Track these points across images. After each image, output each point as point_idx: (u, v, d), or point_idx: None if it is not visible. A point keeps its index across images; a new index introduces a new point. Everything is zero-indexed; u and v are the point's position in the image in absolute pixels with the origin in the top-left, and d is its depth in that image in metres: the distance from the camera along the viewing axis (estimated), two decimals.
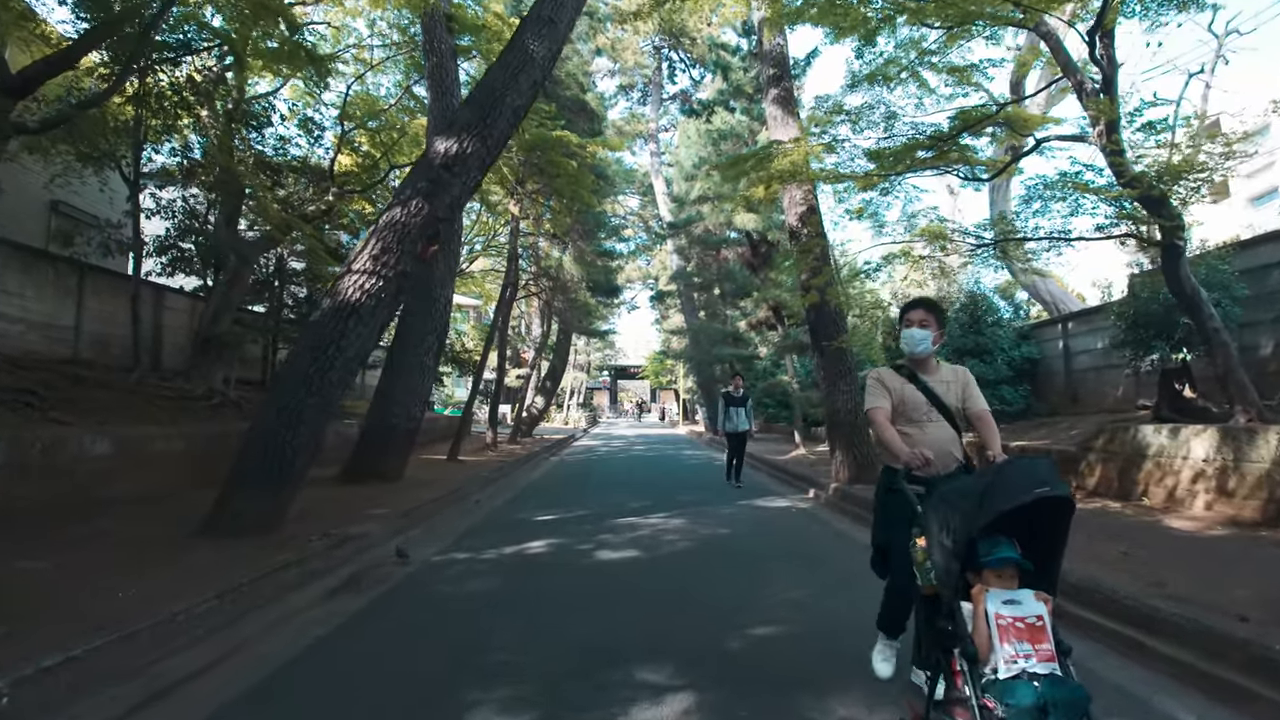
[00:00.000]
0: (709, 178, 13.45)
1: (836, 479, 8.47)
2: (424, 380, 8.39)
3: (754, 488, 9.31)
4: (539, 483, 9.85)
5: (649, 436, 24.95)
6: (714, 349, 18.22)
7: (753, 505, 7.65)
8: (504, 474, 10.40)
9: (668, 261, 24.71)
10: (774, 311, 13.35)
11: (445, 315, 8.60)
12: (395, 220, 5.47)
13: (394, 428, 8.26)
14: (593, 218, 12.82)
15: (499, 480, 9.80)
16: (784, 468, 10.69)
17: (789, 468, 10.67)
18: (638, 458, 14.65)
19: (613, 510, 7.10)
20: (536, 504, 7.71)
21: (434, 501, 7.16)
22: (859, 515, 6.94)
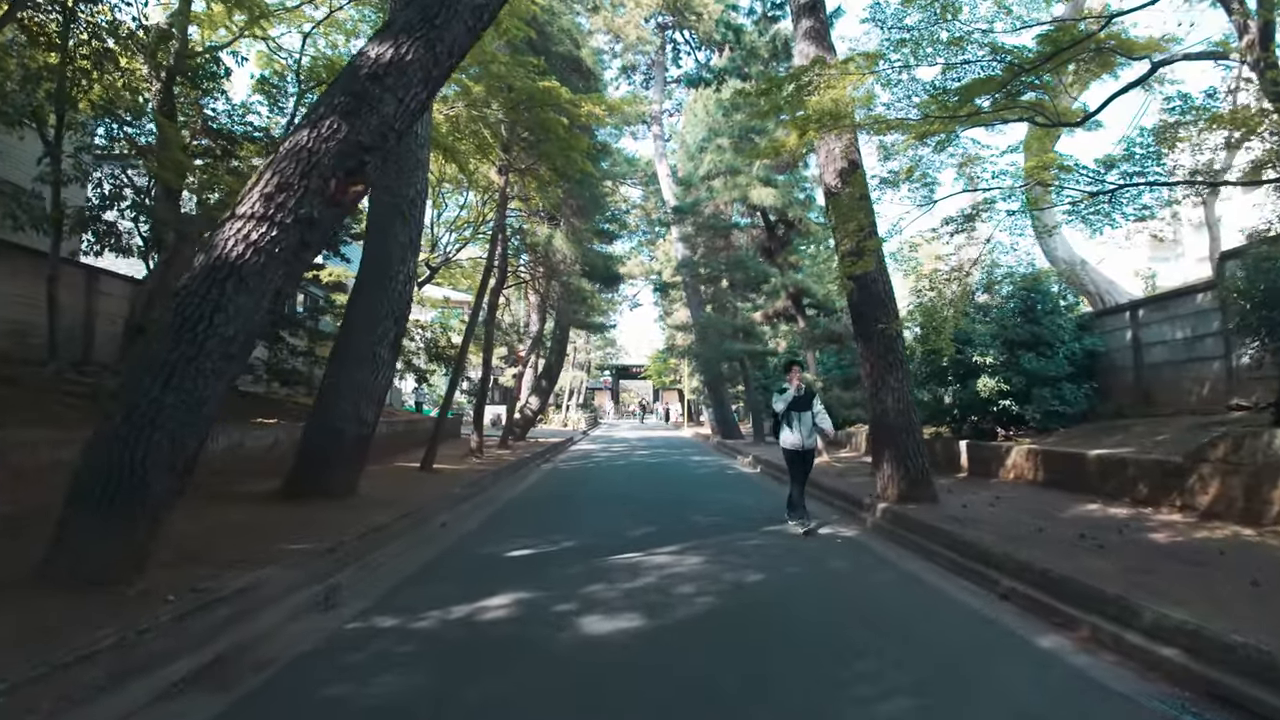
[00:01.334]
0: (720, 151, 11.93)
1: (884, 496, 6.90)
2: (377, 375, 6.83)
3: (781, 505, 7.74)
4: (524, 499, 8.28)
5: (652, 440, 23.38)
6: (723, 345, 16.64)
7: (784, 533, 6.09)
8: (483, 487, 8.84)
9: (672, 252, 23.14)
10: (793, 301, 11.78)
11: (405, 296, 7.04)
12: (300, 147, 3.91)
13: (340, 433, 6.71)
14: (588, 193, 11.29)
15: (476, 496, 8.24)
16: (813, 480, 9.10)
17: (819, 479, 9.08)
18: (640, 465, 13.07)
19: (608, 540, 5.53)
20: (514, 529, 6.15)
21: (381, 529, 5.60)
22: (925, 548, 5.38)
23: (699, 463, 13.57)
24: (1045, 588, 4.06)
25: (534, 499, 8.21)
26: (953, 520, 5.93)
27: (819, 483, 8.89)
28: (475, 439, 12.54)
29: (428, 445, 9.99)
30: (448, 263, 16.35)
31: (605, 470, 12.15)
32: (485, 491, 8.66)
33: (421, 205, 7.32)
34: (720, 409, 20.16)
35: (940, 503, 6.97)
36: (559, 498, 8.28)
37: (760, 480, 10.53)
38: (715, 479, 10.65)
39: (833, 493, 8.06)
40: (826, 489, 8.29)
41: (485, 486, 8.96)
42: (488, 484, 9.14)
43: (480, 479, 9.28)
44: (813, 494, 8.47)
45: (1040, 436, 9.98)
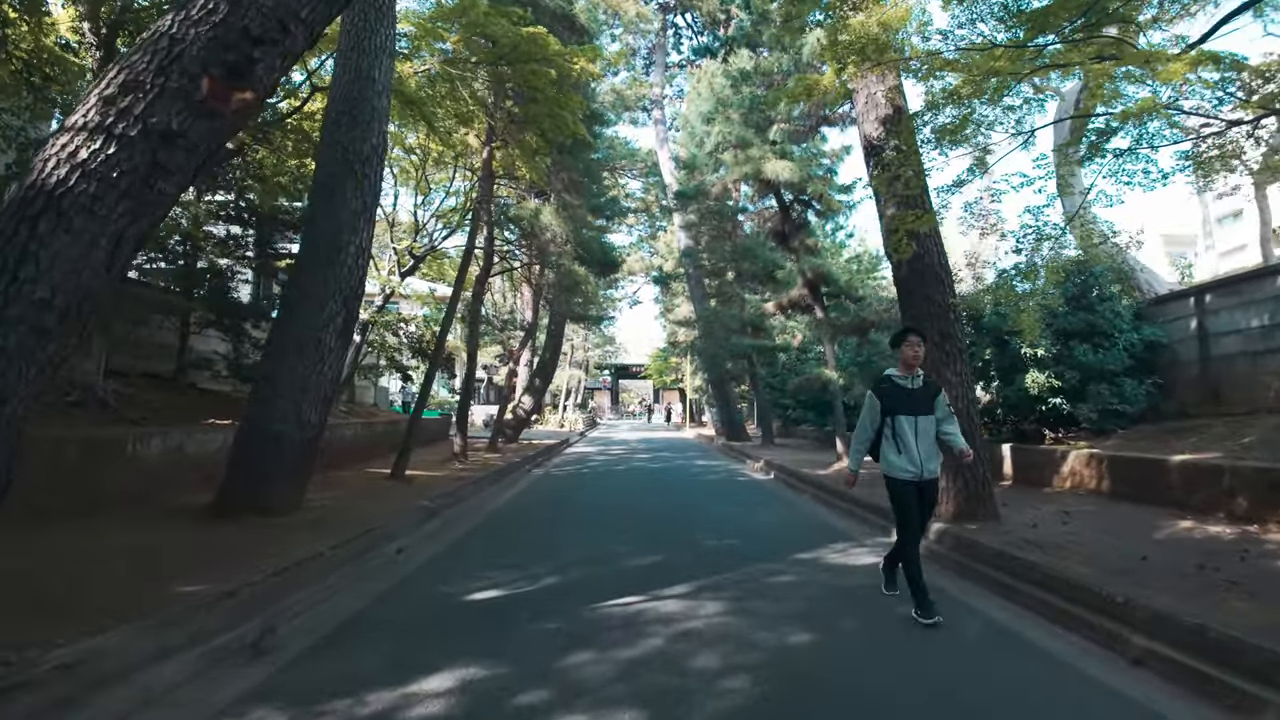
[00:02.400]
0: (729, 123, 10.76)
1: (937, 514, 5.72)
2: (322, 367, 5.67)
3: (807, 523, 6.59)
4: (504, 514, 7.11)
5: (653, 442, 22.21)
6: (729, 340, 15.46)
7: (822, 563, 4.93)
8: (460, 499, 7.68)
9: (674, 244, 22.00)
10: (810, 288, 10.61)
11: (358, 273, 5.87)
12: (160, 34, 2.74)
13: (277, 438, 5.56)
14: (581, 164, 10.11)
15: (449, 509, 7.07)
16: (839, 491, 7.93)
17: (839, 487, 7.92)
18: (640, 471, 11.90)
19: (599, 575, 4.38)
20: (486, 556, 4.98)
21: (313, 560, 4.43)
22: (1002, 584, 4.25)
23: (704, 468, 12.40)
24: (1202, 651, 2.92)
25: (516, 514, 7.04)
26: (1028, 545, 4.80)
27: (842, 491, 7.72)
28: (458, 442, 11.38)
29: (399, 451, 8.83)
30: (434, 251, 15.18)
31: (602, 477, 10.98)
32: (461, 504, 7.49)
33: (379, 164, 6.15)
34: (726, 409, 19.00)
35: (1002, 520, 5.83)
36: (546, 512, 7.11)
37: (775, 489, 9.36)
38: (725, 487, 9.48)
39: (868, 507, 6.89)
40: (859, 502, 7.12)
41: (463, 497, 7.79)
42: (466, 494, 7.97)
43: (458, 488, 8.12)
44: (842, 507, 7.31)
45: (1096, 439, 8.83)
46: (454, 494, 7.77)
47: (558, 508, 7.30)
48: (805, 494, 8.58)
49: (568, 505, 7.59)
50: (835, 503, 7.66)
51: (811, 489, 8.67)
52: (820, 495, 8.26)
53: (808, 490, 8.68)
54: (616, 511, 7.13)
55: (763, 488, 9.46)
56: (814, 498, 8.33)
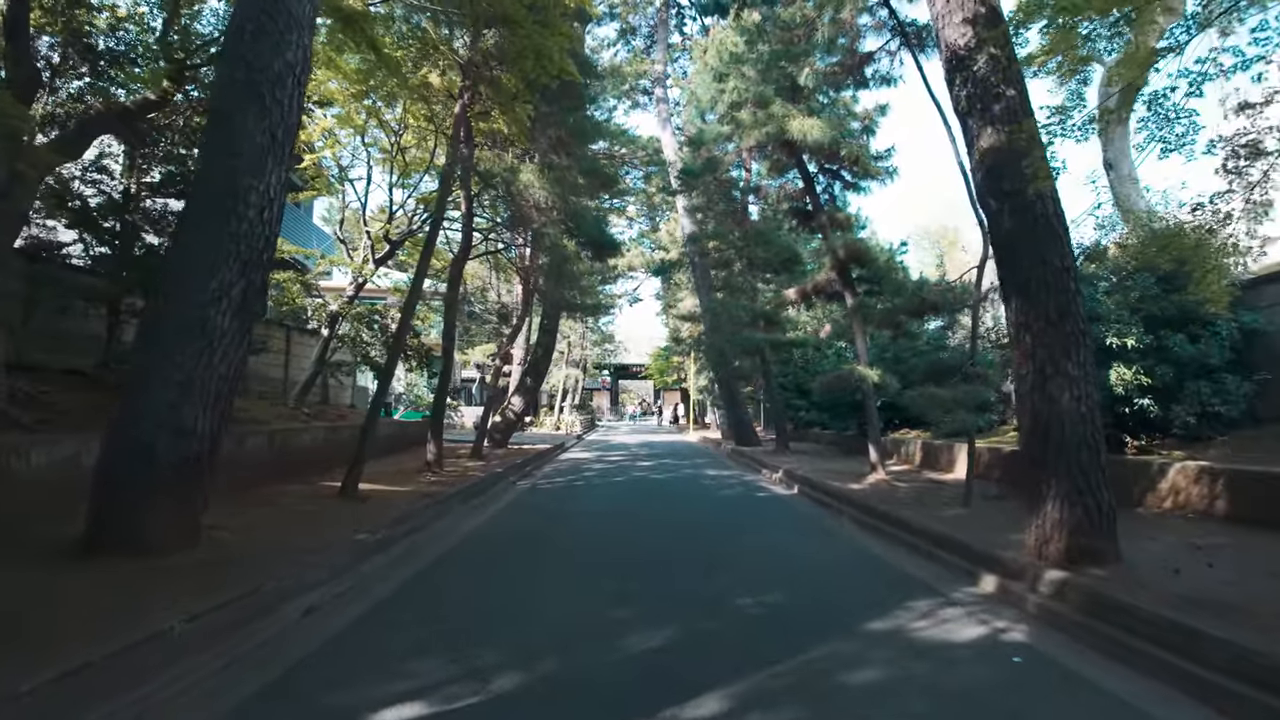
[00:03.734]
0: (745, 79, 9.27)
1: (1044, 554, 4.25)
2: (211, 357, 4.18)
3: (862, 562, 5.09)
4: (466, 549, 5.59)
5: (655, 446, 20.69)
6: (739, 334, 13.95)
7: (909, 638, 3.43)
8: (418, 525, 6.18)
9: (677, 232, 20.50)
10: (839, 271, 9.11)
11: (265, 231, 4.39)
12: None
13: (149, 451, 4.09)
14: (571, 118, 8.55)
15: (398, 543, 5.57)
16: (885, 514, 6.42)
17: (889, 510, 6.42)
18: (641, 483, 10.40)
19: (584, 672, 2.89)
20: (417, 633, 3.48)
21: (154, 640, 2.96)
22: (1190, 676, 2.77)
23: (716, 479, 10.89)
24: None
25: (483, 550, 5.52)
26: (1191, 606, 3.39)
27: (896, 517, 6.22)
28: (432, 448, 9.87)
29: (353, 459, 7.32)
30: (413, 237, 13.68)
31: (597, 491, 9.47)
32: (417, 533, 5.99)
33: (296, 89, 4.65)
34: (734, 410, 17.51)
35: (1124, 562, 4.35)
36: (521, 548, 5.58)
37: (804, 508, 7.86)
38: (743, 507, 7.99)
39: (936, 539, 5.39)
40: (921, 531, 5.61)
41: (421, 523, 6.29)
42: (427, 518, 6.47)
43: (420, 509, 6.63)
44: (894, 535, 5.80)
45: (1190, 447, 7.36)
46: (412, 517, 6.27)
47: (537, 542, 5.79)
48: (843, 516, 7.08)
49: (551, 535, 6.08)
50: (885, 529, 6.15)
51: (850, 509, 7.16)
52: (862, 518, 6.76)
53: (845, 511, 7.18)
54: (612, 545, 5.63)
55: (789, 506, 7.96)
56: (855, 521, 6.83)
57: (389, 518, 6.01)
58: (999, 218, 4.07)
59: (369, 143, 12.86)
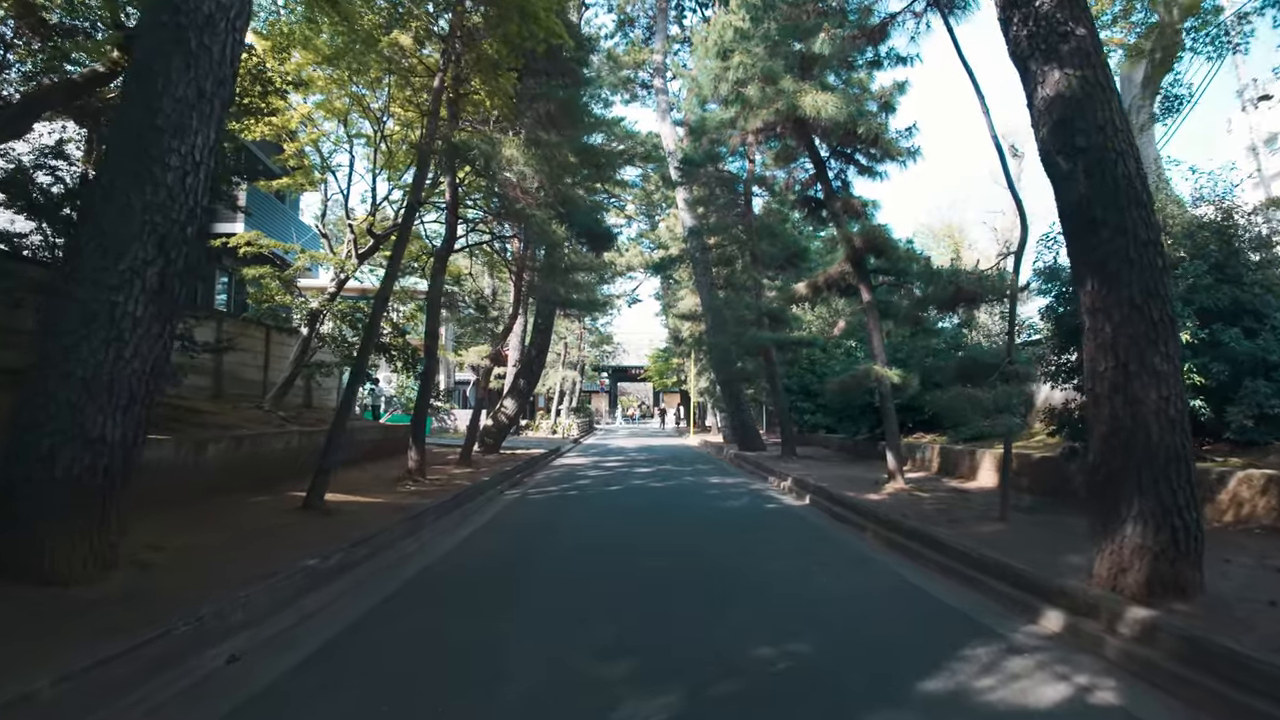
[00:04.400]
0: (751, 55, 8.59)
1: (1119, 583, 3.58)
2: (123, 349, 3.49)
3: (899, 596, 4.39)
4: (436, 577, 4.87)
5: (655, 451, 19.98)
6: (744, 333, 13.27)
7: (969, 693, 2.75)
8: (383, 544, 5.48)
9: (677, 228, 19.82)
10: (854, 263, 8.43)
11: (188, 201, 3.71)
12: None
13: (49, 461, 3.41)
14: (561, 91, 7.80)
15: (360, 565, 4.88)
16: (917, 530, 5.72)
17: (915, 527, 5.72)
18: (640, 492, 9.70)
19: None
20: (352, 696, 2.77)
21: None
22: None
23: (720, 488, 10.20)
24: None
25: (449, 580, 4.79)
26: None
27: (929, 535, 5.53)
28: (413, 455, 9.16)
29: (318, 468, 6.63)
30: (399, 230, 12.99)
31: (591, 503, 8.77)
32: (380, 555, 5.28)
33: (231, 34, 3.96)
34: (738, 413, 16.81)
35: (1208, 593, 3.68)
36: (498, 575, 4.87)
37: (822, 524, 7.16)
38: (753, 521, 7.29)
39: (980, 563, 4.69)
40: (961, 553, 4.91)
41: (388, 541, 5.59)
42: (396, 536, 5.76)
43: (390, 526, 5.93)
44: (928, 558, 5.11)
45: (1247, 453, 6.68)
46: (379, 536, 5.56)
47: (517, 568, 5.07)
48: (866, 532, 6.38)
49: (534, 560, 5.37)
50: (917, 550, 5.45)
51: (873, 524, 6.46)
52: (888, 536, 6.05)
53: (868, 527, 6.47)
54: (604, 572, 4.92)
55: (803, 521, 7.25)
56: (879, 539, 6.13)
57: (351, 537, 5.31)
58: (1070, 181, 3.38)
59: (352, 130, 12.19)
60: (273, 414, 11.42)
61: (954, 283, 5.58)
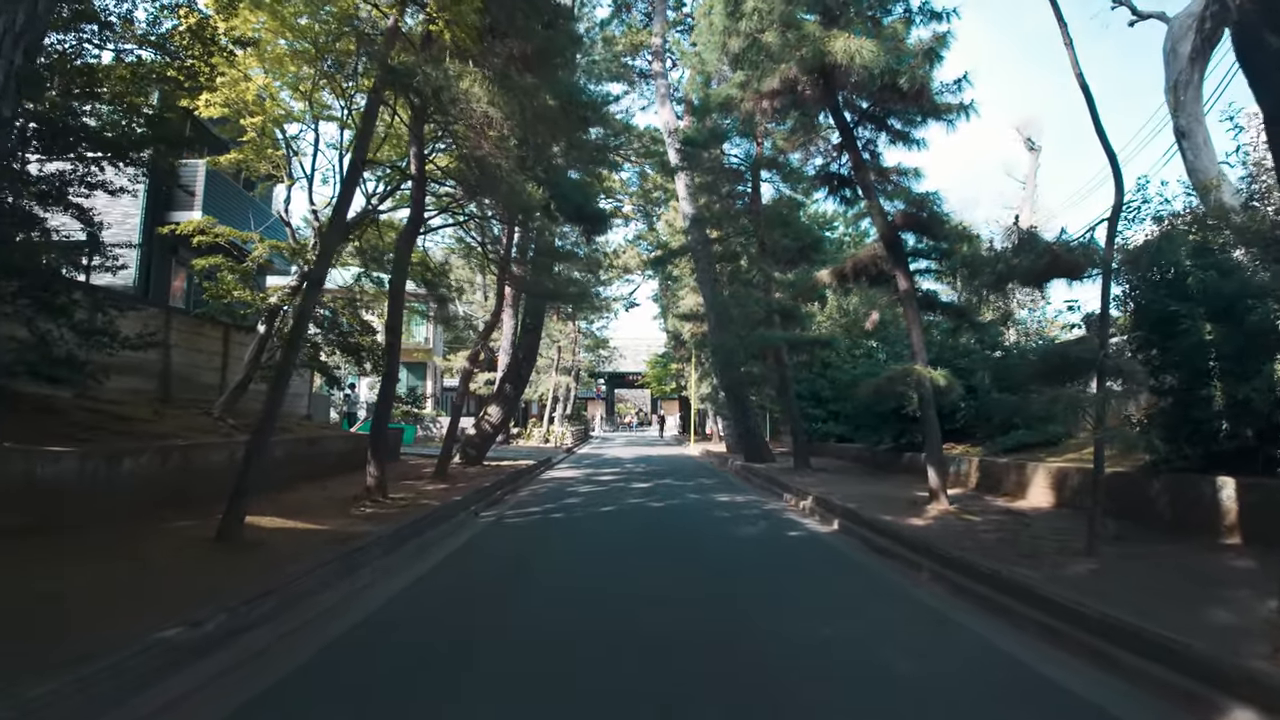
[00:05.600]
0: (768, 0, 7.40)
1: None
2: None
3: (991, 675, 3.12)
4: (329, 666, 3.50)
5: (653, 461, 18.71)
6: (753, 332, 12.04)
7: None
8: (293, 597, 4.20)
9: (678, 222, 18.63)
10: (889, 244, 7.20)
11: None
12: None
13: None
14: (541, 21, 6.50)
15: (235, 642, 3.60)
16: (984, 571, 4.44)
17: (997, 568, 4.45)
18: (637, 515, 8.42)
19: None
20: None
21: None
22: None
23: (730, 508, 8.93)
24: None
25: (372, 655, 3.48)
26: None
27: (1010, 580, 4.27)
28: (372, 471, 7.89)
29: (233, 491, 5.35)
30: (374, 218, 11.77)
31: (578, 529, 7.50)
32: (294, 608, 4.00)
33: None
34: (744, 421, 15.55)
35: None
36: (440, 646, 3.57)
37: (862, 560, 5.88)
38: (778, 555, 6.02)
39: (1100, 627, 3.43)
40: (1062, 607, 3.64)
41: (307, 590, 4.30)
42: (319, 583, 4.47)
43: (321, 564, 4.66)
44: (1031, 619, 3.85)
45: None
46: (297, 581, 4.29)
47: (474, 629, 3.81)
48: (922, 573, 5.11)
49: (498, 614, 4.08)
50: (996, 599, 4.19)
51: (928, 561, 5.19)
52: (953, 578, 4.79)
53: (923, 565, 5.20)
54: (589, 638, 3.65)
55: (840, 556, 5.97)
56: (940, 581, 4.87)
57: (259, 584, 4.05)
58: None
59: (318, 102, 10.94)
60: (222, 422, 10.16)
61: (1050, 250, 4.39)
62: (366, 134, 5.51)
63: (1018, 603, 4.02)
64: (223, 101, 10.39)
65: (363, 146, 5.56)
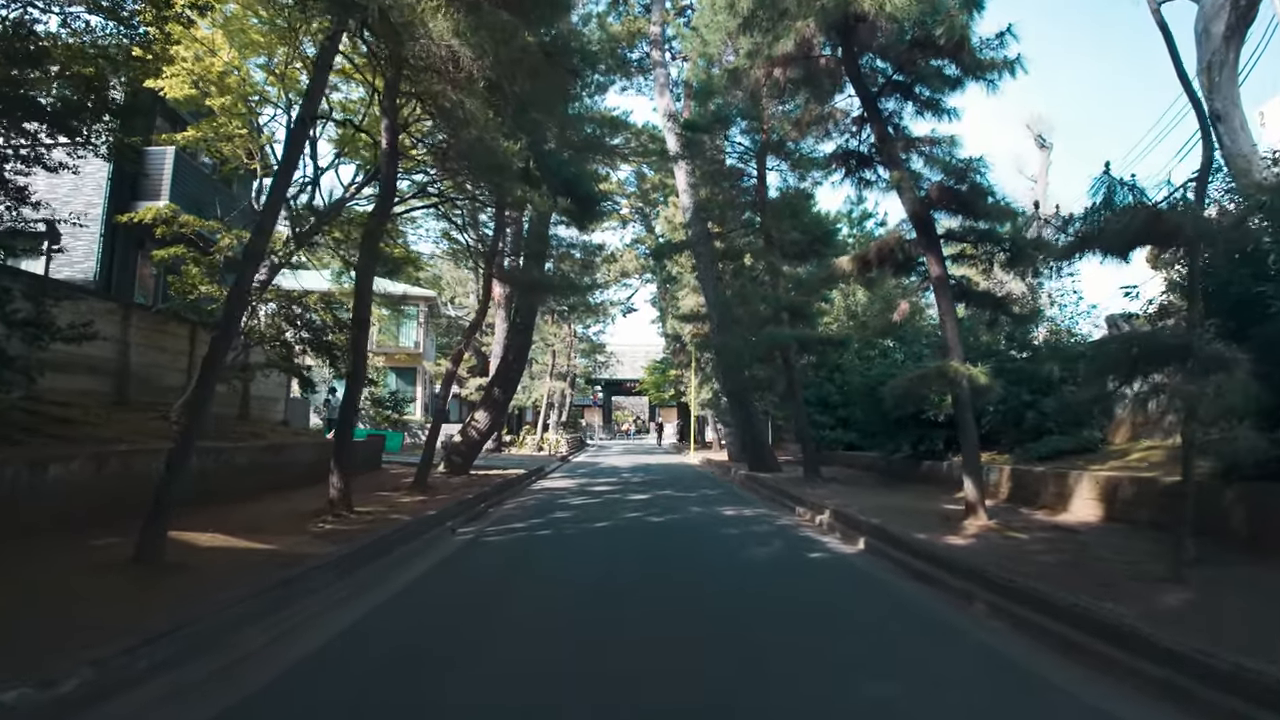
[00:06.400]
0: None
1: None
2: None
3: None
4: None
5: (652, 470, 17.86)
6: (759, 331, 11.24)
7: None
8: (192, 645, 3.34)
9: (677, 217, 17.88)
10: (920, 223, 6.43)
11: None
12: None
13: None
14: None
15: (97, 708, 2.73)
16: (1061, 604, 3.62)
17: (1076, 602, 3.63)
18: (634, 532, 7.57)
19: None
20: None
21: None
22: None
23: (738, 524, 8.09)
24: None
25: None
26: None
27: (1099, 620, 3.46)
28: (335, 483, 7.05)
29: (152, 506, 4.52)
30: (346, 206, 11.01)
31: (566, 549, 6.65)
32: (195, 658, 3.15)
33: None
34: (748, 427, 14.74)
35: None
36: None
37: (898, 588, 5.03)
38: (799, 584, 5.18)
39: (1251, 693, 2.60)
40: (1202, 668, 2.82)
41: (217, 632, 3.45)
42: (238, 621, 3.63)
43: (244, 598, 3.82)
44: (1146, 675, 3.01)
45: None
46: (205, 620, 3.45)
47: (423, 691, 2.99)
48: (975, 605, 4.29)
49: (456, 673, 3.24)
50: (1083, 643, 3.37)
51: (982, 591, 4.37)
52: (1017, 613, 3.97)
53: (975, 596, 4.38)
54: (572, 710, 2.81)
55: (874, 584, 5.11)
56: (1002, 618, 4.05)
57: (165, 620, 3.24)
58: None
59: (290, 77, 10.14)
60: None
61: (1147, 210, 3.61)
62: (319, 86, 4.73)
63: (1117, 649, 3.20)
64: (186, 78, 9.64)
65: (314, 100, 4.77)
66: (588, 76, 8.38)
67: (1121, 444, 9.96)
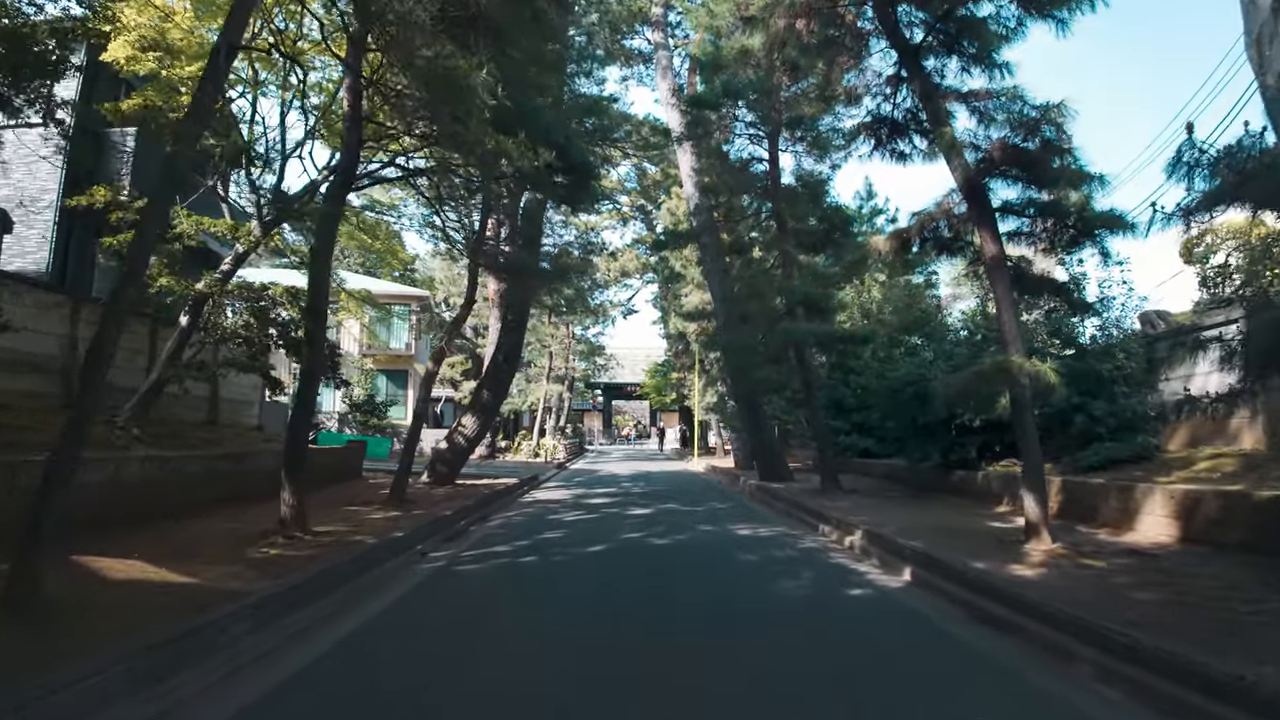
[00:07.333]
0: None
1: None
2: None
3: None
4: None
5: (654, 479, 16.91)
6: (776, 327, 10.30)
7: None
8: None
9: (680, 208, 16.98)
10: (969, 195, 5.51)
11: None
12: None
13: None
14: None
15: None
16: (1187, 663, 2.68)
17: (1188, 655, 2.69)
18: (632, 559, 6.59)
19: None
20: None
21: None
22: None
23: (756, 547, 7.11)
24: None
25: None
26: None
27: None
28: (286, 498, 6.10)
29: (26, 533, 3.59)
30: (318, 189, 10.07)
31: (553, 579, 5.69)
32: None
33: None
34: (758, 433, 13.79)
35: None
36: None
37: (972, 639, 4.04)
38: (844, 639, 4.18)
39: None
40: None
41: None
42: (92, 707, 2.68)
43: (108, 668, 2.88)
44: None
45: None
46: (56, 699, 2.51)
47: None
48: (1080, 666, 3.34)
49: None
50: None
51: (1085, 648, 3.41)
52: (1144, 679, 3.02)
53: (1077, 656, 3.42)
54: None
55: (939, 637, 4.09)
56: (1115, 682, 3.11)
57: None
58: None
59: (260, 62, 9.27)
60: (125, 431, 8.41)
61: None
62: (244, 4, 3.81)
63: None
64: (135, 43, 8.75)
65: (237, 23, 3.82)
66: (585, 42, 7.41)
67: (1179, 451, 9.01)
